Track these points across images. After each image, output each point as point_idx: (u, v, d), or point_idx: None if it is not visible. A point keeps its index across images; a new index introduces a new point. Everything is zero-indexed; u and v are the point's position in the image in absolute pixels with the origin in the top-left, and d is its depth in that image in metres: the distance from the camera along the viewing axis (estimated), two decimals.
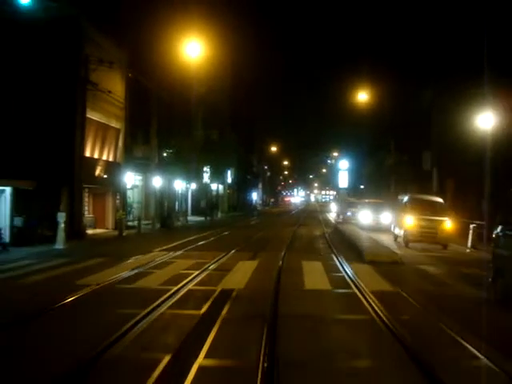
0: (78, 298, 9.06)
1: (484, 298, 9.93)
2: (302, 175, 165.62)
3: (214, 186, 51.00)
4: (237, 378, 5.29)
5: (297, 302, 9.13)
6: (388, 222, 28.19)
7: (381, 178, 51.77)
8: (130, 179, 30.52)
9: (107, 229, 27.11)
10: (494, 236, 10.26)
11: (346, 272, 12.73)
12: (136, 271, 12.26)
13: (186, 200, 43.60)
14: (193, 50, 27.88)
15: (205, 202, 45.50)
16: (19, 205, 18.93)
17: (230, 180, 60.15)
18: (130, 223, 28.00)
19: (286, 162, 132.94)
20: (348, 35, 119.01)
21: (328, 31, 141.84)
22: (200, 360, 5.66)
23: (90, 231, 24.22)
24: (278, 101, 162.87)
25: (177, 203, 38.97)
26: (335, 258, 15.66)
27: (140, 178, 32.49)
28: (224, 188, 57.50)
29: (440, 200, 22.39)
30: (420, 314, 8.52)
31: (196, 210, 44.88)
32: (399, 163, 42.73)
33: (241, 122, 63.62)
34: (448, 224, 20.52)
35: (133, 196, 32.24)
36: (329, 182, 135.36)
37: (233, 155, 57.72)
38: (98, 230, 26.02)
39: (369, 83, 37.78)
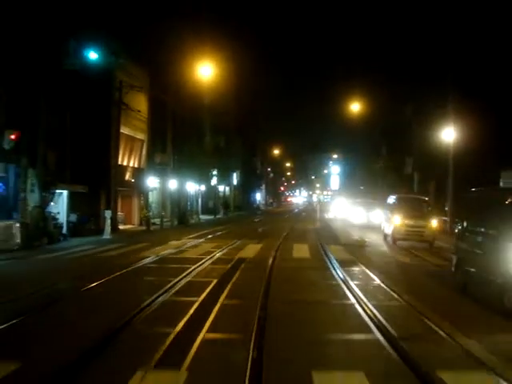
0: (151, 261, 14.37)
1: (407, 262, 15.31)
2: (304, 176, 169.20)
3: (221, 188, 55.31)
4: (252, 286, 10.49)
5: (286, 262, 14.63)
6: (378, 221, 28.77)
7: (373, 180, 56.26)
8: (151, 182, 35.35)
9: (133, 225, 31.99)
10: (456, 231, 11.46)
11: (323, 249, 18.06)
12: (177, 249, 17.57)
13: (197, 200, 47.86)
14: (203, 68, 32.01)
15: (213, 203, 49.83)
16: (70, 204, 23.84)
17: (235, 182, 64.05)
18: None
19: (288, 164, 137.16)
20: (347, 50, 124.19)
21: (328, 42, 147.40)
22: (233, 280, 11.11)
23: (120, 226, 28.90)
24: (279, 106, 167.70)
25: (189, 203, 43.16)
26: (318, 243, 20.93)
27: (158, 181, 36.83)
28: (230, 189, 61.40)
29: (427, 200, 23.57)
30: (360, 268, 13.71)
31: (205, 210, 49.28)
32: (385, 167, 47.43)
33: (245, 127, 66.79)
34: (434, 223, 21.37)
35: (152, 197, 36.47)
36: (329, 183, 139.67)
37: (238, 159, 61.98)
38: (127, 226, 30.73)
39: (362, 95, 42.08)
